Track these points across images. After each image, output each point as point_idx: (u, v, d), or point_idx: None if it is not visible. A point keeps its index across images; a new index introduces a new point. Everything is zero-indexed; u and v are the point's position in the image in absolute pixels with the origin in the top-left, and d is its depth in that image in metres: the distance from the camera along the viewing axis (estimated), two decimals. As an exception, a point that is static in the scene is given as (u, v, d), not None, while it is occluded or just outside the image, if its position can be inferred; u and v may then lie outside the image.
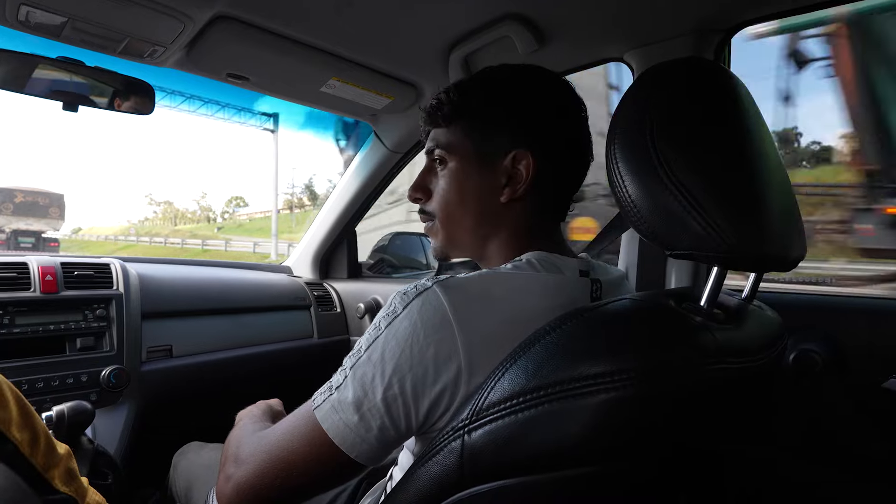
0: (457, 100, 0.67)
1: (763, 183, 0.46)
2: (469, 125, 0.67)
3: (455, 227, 0.69)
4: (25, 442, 0.56)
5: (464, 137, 0.67)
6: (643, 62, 0.98)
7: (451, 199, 0.68)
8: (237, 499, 0.57)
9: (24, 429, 0.57)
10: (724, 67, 0.53)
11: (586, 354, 0.42)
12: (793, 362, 0.84)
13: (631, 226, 0.49)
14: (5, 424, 0.54)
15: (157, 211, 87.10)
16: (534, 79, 0.68)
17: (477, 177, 0.66)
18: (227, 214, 78.17)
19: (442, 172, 0.69)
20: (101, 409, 1.12)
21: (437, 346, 0.50)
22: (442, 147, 0.68)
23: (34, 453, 0.57)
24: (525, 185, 0.64)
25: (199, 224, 70.98)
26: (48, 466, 0.59)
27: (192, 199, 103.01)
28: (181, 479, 0.98)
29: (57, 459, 0.60)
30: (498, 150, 0.65)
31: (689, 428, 0.45)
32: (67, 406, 0.81)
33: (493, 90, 0.67)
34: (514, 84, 0.67)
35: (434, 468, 0.47)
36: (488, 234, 0.68)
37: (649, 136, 0.46)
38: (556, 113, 0.66)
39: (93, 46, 1.00)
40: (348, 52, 1.10)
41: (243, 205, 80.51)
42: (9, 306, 1.09)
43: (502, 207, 0.66)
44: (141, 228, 62.91)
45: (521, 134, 0.64)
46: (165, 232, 53.64)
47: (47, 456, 0.59)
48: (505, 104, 0.65)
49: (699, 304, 0.47)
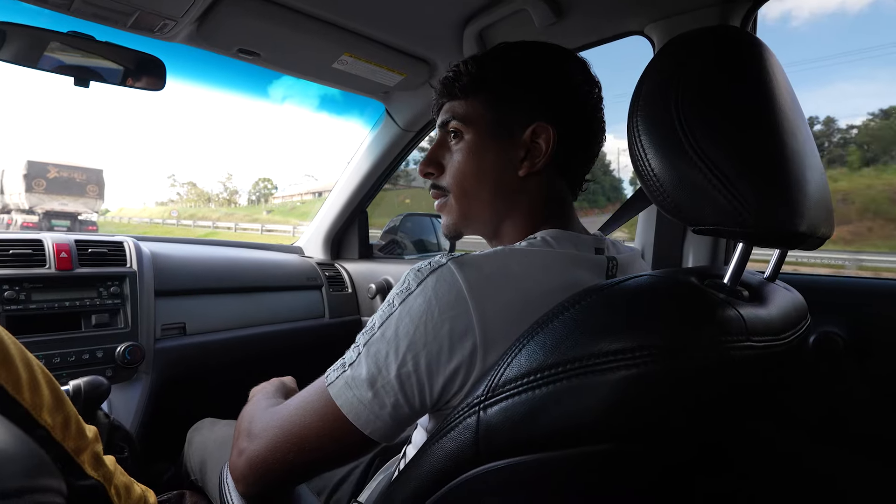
0: (475, 72, 0.66)
1: (793, 158, 0.44)
2: (488, 97, 0.66)
3: (471, 202, 0.68)
4: (58, 426, 0.56)
5: (482, 109, 0.66)
6: (665, 36, 0.94)
7: (467, 173, 0.67)
8: (250, 472, 0.57)
9: (57, 412, 0.56)
10: (754, 36, 0.51)
11: (607, 330, 0.41)
12: (813, 344, 0.82)
13: (653, 201, 0.48)
14: (37, 409, 0.54)
15: (180, 193, 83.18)
16: (553, 55, 0.67)
17: (494, 150, 0.65)
18: (255, 196, 75.21)
19: (457, 146, 0.68)
20: (117, 385, 1.14)
21: (451, 322, 0.49)
22: (458, 119, 0.67)
23: (66, 437, 0.57)
24: (544, 159, 0.63)
25: (231, 207, 66.57)
26: (78, 451, 0.58)
27: (217, 180, 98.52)
28: (195, 455, 0.99)
29: (86, 443, 0.59)
30: (518, 122, 0.64)
31: (709, 407, 0.44)
32: (84, 381, 0.82)
33: (512, 63, 0.66)
34: (533, 58, 0.66)
35: (449, 444, 0.46)
36: (504, 209, 0.67)
37: (674, 108, 0.44)
38: (575, 89, 0.65)
39: (103, 20, 0.99)
40: (361, 26, 1.08)
41: (272, 187, 77.11)
42: (24, 282, 1.10)
43: (520, 182, 0.65)
44: (183, 211, 57.39)
45: (542, 107, 0.63)
46: (215, 215, 49.87)
47: (77, 440, 0.58)
48: (525, 77, 0.65)
49: (722, 282, 0.46)
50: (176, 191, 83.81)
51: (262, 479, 0.57)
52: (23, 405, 0.52)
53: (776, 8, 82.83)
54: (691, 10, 0.90)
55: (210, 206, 66.45)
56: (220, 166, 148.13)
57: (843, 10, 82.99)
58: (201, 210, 61.76)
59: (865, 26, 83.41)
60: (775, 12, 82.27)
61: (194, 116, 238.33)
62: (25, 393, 0.53)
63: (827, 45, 70.28)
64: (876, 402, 0.83)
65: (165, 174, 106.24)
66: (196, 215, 48.80)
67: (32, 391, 0.54)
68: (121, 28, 1.03)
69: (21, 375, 0.53)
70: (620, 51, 3.78)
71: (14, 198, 20.16)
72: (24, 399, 0.53)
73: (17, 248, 1.13)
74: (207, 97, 76.40)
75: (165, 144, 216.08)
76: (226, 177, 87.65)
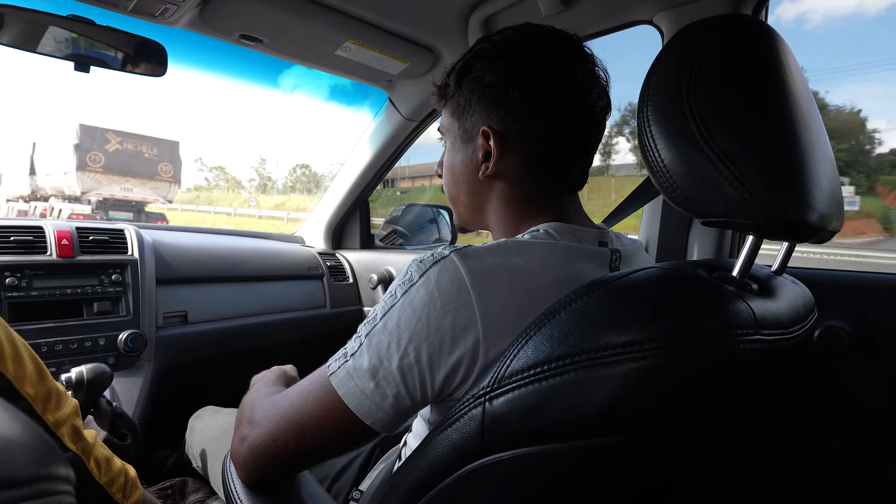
0: (442, 82, 0.69)
1: (807, 150, 0.44)
2: (451, 105, 0.68)
3: (456, 202, 0.72)
4: (39, 399, 0.56)
5: (450, 117, 0.69)
6: (674, 25, 0.93)
7: (448, 176, 0.71)
8: (252, 459, 0.58)
9: (40, 385, 0.57)
10: (768, 25, 0.50)
11: (614, 323, 0.40)
12: (818, 339, 0.82)
13: (662, 192, 0.47)
14: (20, 381, 0.54)
15: (208, 178, 72.60)
16: (510, 46, 0.63)
17: (462, 154, 0.68)
18: (291, 183, 67.88)
19: (445, 151, 0.72)
20: (119, 372, 1.14)
21: (454, 314, 0.49)
22: (440, 127, 0.72)
23: (46, 410, 0.57)
24: (495, 161, 0.63)
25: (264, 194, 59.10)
26: (58, 424, 0.59)
27: (249, 165, 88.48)
28: (196, 442, 0.99)
29: (65, 417, 0.60)
30: (476, 126, 0.65)
31: (717, 401, 0.44)
32: (87, 368, 0.82)
33: (467, 66, 0.65)
34: (486, 57, 0.63)
35: (454, 435, 0.46)
36: (481, 209, 0.69)
37: (686, 98, 0.44)
38: (529, 84, 0.61)
39: (103, 4, 0.98)
40: (365, 12, 1.07)
41: (310, 174, 68.90)
42: (26, 269, 1.09)
43: (484, 183, 0.66)
44: (270, 200, 43.93)
45: (491, 110, 0.63)
46: (290, 205, 35.96)
47: (56, 413, 0.59)
48: (476, 80, 0.64)
49: (731, 275, 0.45)
50: (204, 175, 73.73)
51: (264, 466, 0.57)
52: (6, 376, 0.53)
53: (791, 10, 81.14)
54: None
55: (242, 194, 58.19)
56: (253, 151, 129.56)
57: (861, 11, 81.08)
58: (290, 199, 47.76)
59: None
60: (790, 14, 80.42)
61: (223, 97, 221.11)
62: (9, 364, 0.53)
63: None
64: (880, 398, 0.83)
65: (192, 157, 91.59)
66: (282, 205, 37.23)
67: (16, 363, 0.54)
68: (121, 12, 1.01)
69: (5, 348, 0.54)
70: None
71: (53, 179, 14.43)
72: (7, 370, 0.53)
73: (18, 234, 1.13)
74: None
75: (189, 124, 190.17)
76: (259, 161, 77.95)
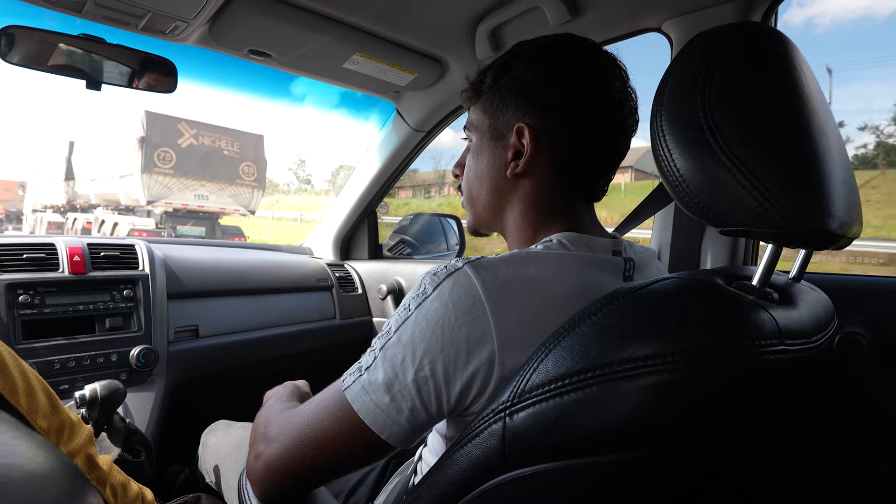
0: (477, 79, 0.69)
1: (824, 156, 0.43)
2: (484, 103, 0.68)
3: (474, 202, 0.71)
4: (53, 431, 0.56)
5: (481, 114, 0.68)
6: (683, 33, 0.93)
7: (470, 175, 0.71)
8: (268, 476, 0.57)
9: (52, 416, 0.57)
10: (780, 31, 0.50)
11: (636, 335, 0.40)
12: (837, 346, 0.81)
13: (678, 202, 0.46)
14: (32, 415, 0.54)
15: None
16: (553, 49, 0.63)
17: (490, 152, 0.67)
18: (333, 187, 61.60)
19: (469, 150, 0.71)
20: (131, 388, 1.14)
21: (469, 327, 0.48)
22: (468, 124, 0.71)
23: (59, 442, 0.57)
24: (527, 159, 0.62)
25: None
26: (72, 455, 0.59)
27: (287, 168, 78.88)
28: (210, 457, 0.99)
29: (78, 447, 0.60)
30: (508, 125, 0.64)
31: (741, 414, 0.43)
32: (100, 385, 0.82)
33: (507, 64, 0.65)
34: (528, 57, 0.64)
35: (474, 451, 0.45)
36: (502, 210, 0.68)
37: (701, 106, 0.43)
38: (569, 87, 0.61)
39: (115, 23, 0.99)
40: (372, 25, 1.07)
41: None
42: (38, 286, 1.10)
43: (510, 182, 0.66)
44: (311, 203, 35.62)
45: (528, 108, 0.63)
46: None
47: (69, 444, 0.59)
48: (515, 78, 0.64)
49: (751, 283, 0.45)
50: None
51: (281, 483, 0.57)
52: (18, 411, 0.53)
53: (798, 15, 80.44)
54: (710, 5, 0.89)
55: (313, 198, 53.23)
56: (291, 153, 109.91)
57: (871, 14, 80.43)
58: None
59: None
60: (798, 19, 79.56)
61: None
62: (21, 398, 0.53)
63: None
64: None
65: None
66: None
67: (28, 397, 0.54)
68: (132, 30, 1.03)
69: (17, 383, 0.54)
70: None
71: (101, 185, 11.32)
72: (20, 405, 0.53)
73: (30, 251, 1.14)
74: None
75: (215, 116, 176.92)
76: (297, 163, 70.26)
